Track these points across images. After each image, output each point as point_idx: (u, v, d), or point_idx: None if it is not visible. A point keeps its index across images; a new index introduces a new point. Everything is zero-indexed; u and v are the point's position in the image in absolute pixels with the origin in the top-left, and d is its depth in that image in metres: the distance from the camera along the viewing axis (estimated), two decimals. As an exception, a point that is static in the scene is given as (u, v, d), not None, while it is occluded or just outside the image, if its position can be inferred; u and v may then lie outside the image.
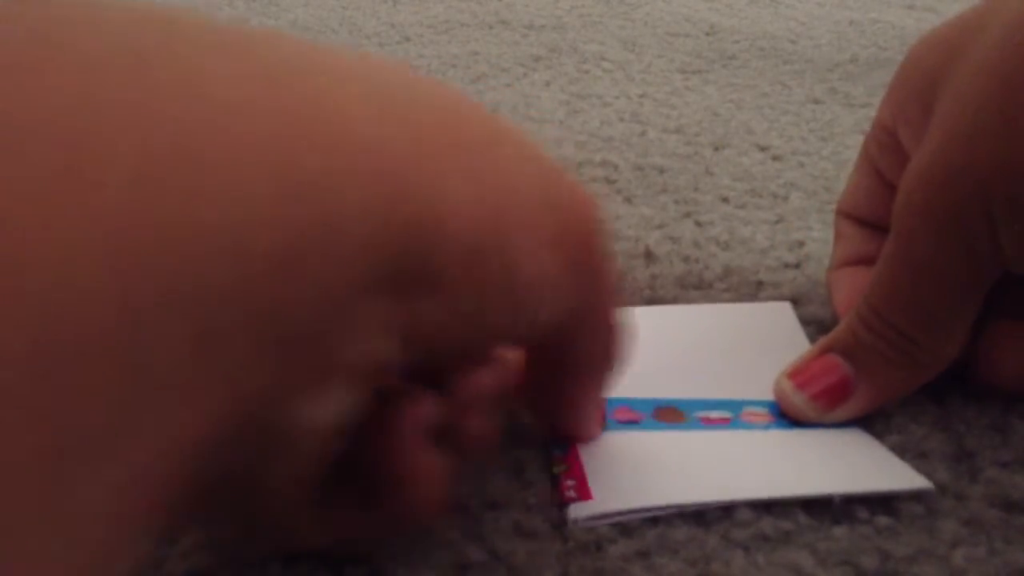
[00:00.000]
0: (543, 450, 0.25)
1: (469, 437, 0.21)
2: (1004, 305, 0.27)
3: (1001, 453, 0.25)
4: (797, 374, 0.27)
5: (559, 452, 0.25)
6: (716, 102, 0.48)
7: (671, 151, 0.43)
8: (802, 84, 0.50)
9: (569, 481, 0.24)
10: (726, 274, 0.34)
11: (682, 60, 0.54)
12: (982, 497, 0.23)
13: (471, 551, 0.22)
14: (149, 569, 0.22)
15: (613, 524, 0.23)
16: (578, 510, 0.23)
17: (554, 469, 0.24)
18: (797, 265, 0.35)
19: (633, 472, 0.24)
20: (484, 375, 0.21)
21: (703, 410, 0.27)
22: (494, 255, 0.17)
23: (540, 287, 0.19)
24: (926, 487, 0.23)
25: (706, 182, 0.41)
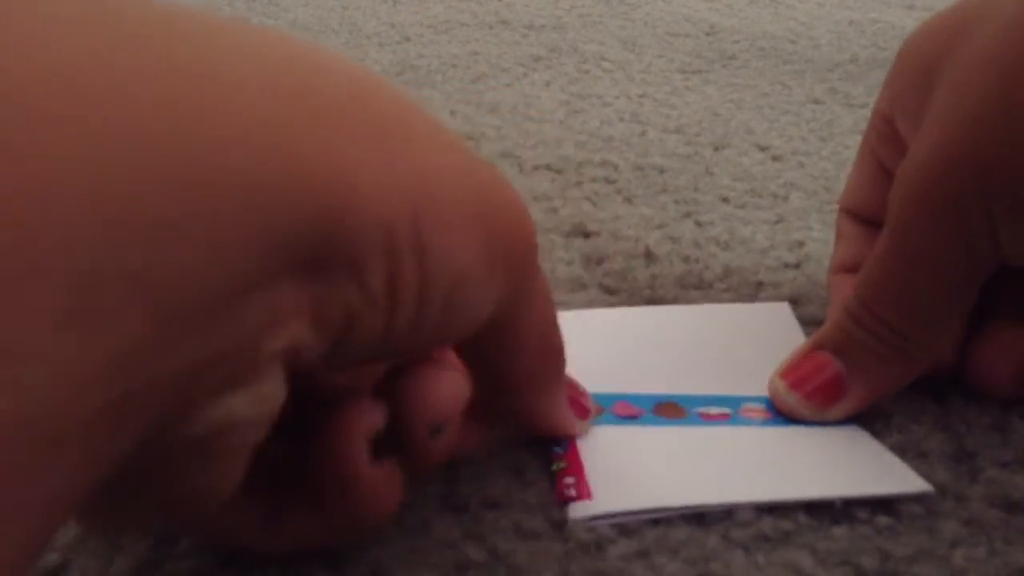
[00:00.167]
0: (543, 449, 0.25)
1: (419, 448, 0.21)
2: (997, 308, 0.27)
3: (1001, 453, 0.25)
4: (789, 373, 0.27)
5: (559, 449, 0.25)
6: (716, 102, 0.48)
7: (671, 151, 0.43)
8: (802, 84, 0.50)
9: (568, 479, 0.24)
10: (726, 274, 0.34)
11: (682, 60, 0.54)
12: (982, 497, 0.23)
13: (471, 551, 0.22)
14: (148, 569, 0.22)
15: (613, 524, 0.23)
16: (578, 510, 0.23)
17: (553, 467, 0.24)
18: (797, 265, 0.35)
19: (633, 471, 0.24)
20: (440, 386, 0.21)
21: (702, 406, 0.27)
22: (409, 240, 0.17)
23: (461, 277, 0.18)
24: (926, 490, 0.23)
25: (706, 182, 0.41)
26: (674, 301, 0.33)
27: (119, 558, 0.21)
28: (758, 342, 0.30)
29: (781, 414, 0.26)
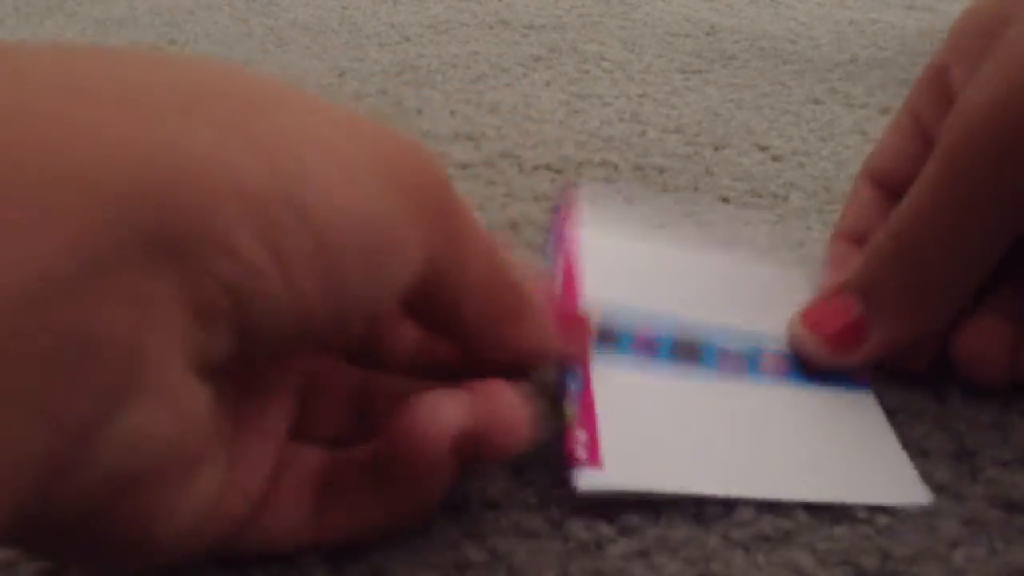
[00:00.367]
0: (543, 449, 0.25)
1: (491, 446, 0.21)
2: (986, 303, 0.27)
3: (1002, 452, 0.25)
4: (809, 315, 0.26)
5: (574, 387, 0.24)
6: (716, 102, 0.48)
7: (671, 151, 0.43)
8: (802, 84, 0.50)
9: (580, 433, 0.23)
10: (726, 274, 0.34)
11: (682, 60, 0.54)
12: (982, 497, 0.23)
13: (471, 551, 0.22)
14: (148, 569, 0.22)
15: (612, 524, 0.23)
16: (586, 479, 0.22)
17: (566, 410, 0.24)
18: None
19: (645, 441, 0.24)
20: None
21: (722, 345, 0.27)
22: (281, 201, 0.16)
23: (368, 228, 0.18)
24: (925, 503, 0.23)
25: (706, 182, 0.41)
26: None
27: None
28: (786, 299, 0.29)
29: (798, 364, 0.26)
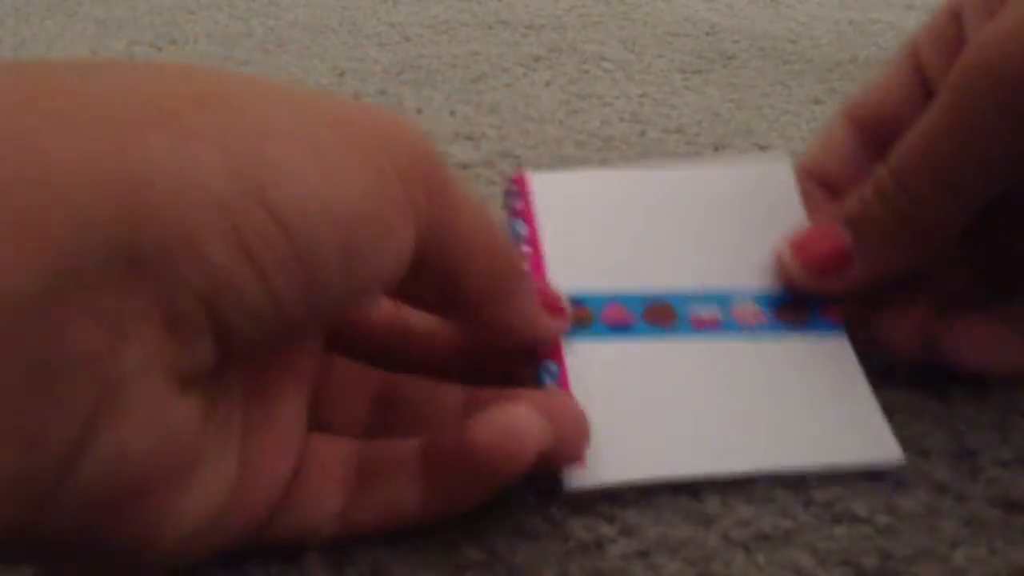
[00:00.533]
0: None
1: (557, 459, 0.22)
2: (969, 295, 0.27)
3: (1002, 452, 0.25)
4: (798, 241, 0.27)
5: (550, 381, 0.24)
6: (716, 102, 0.48)
7: (671, 151, 0.43)
8: (802, 84, 0.50)
9: None
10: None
11: (682, 60, 0.54)
12: (983, 497, 0.23)
13: (471, 551, 0.22)
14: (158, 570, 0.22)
15: (612, 524, 0.23)
16: (574, 479, 0.23)
17: None
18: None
19: (627, 426, 0.24)
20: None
21: (694, 304, 0.27)
22: (246, 203, 0.16)
23: (348, 217, 0.17)
24: (898, 461, 0.24)
25: (706, 182, 0.41)
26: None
27: None
28: (753, 216, 0.29)
29: (774, 312, 0.26)
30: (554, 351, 0.25)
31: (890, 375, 0.27)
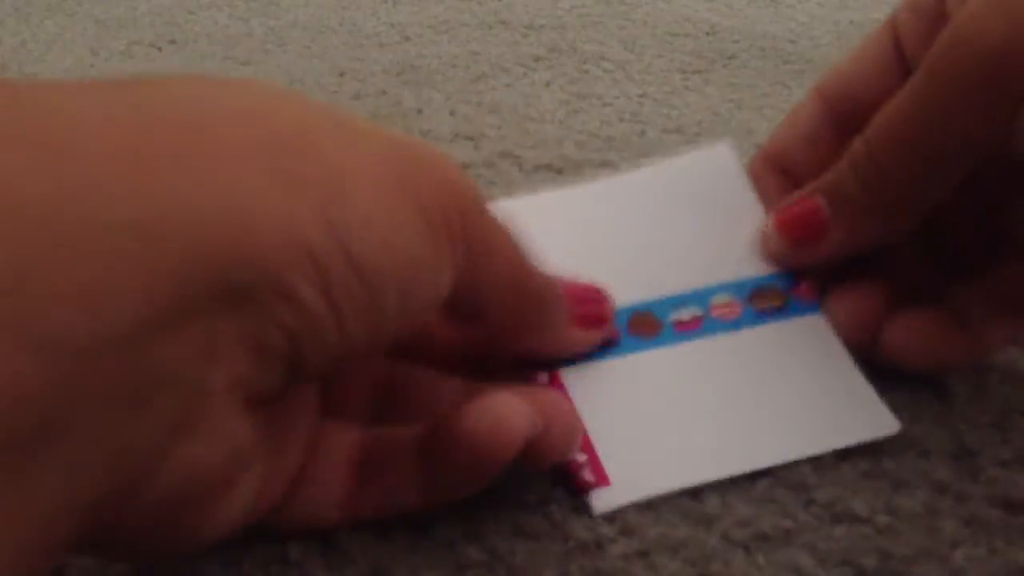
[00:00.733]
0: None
1: (547, 452, 0.22)
2: (924, 289, 0.27)
3: (1002, 452, 0.25)
4: (779, 214, 0.27)
5: None
6: (716, 102, 0.48)
7: (671, 151, 0.43)
8: (802, 84, 0.50)
9: (579, 456, 0.24)
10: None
11: (682, 60, 0.53)
12: (983, 496, 0.23)
13: (471, 551, 0.22)
14: (148, 569, 0.22)
15: (613, 524, 0.23)
16: (601, 502, 0.23)
17: None
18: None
19: (639, 441, 0.24)
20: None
21: (674, 309, 0.27)
22: (331, 247, 0.17)
23: (405, 260, 0.18)
24: (895, 432, 0.24)
25: (706, 182, 0.41)
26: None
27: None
28: (706, 205, 0.29)
29: (751, 302, 0.27)
30: (553, 379, 0.25)
31: (890, 375, 0.27)
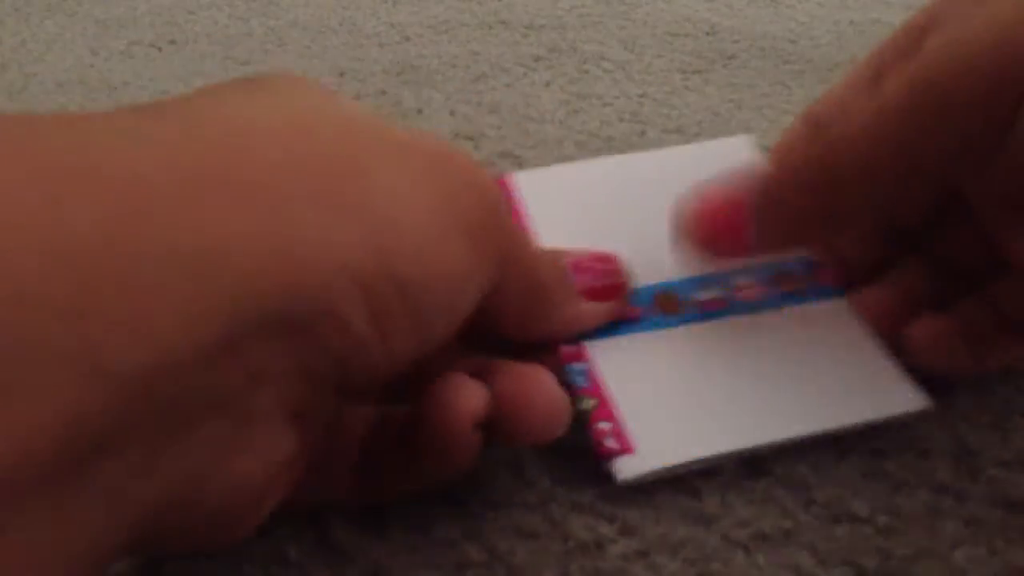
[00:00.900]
0: (544, 448, 0.25)
1: (522, 428, 0.22)
2: (940, 293, 0.27)
3: (1002, 452, 0.25)
4: (698, 204, 0.26)
5: (581, 381, 0.24)
6: (716, 102, 0.48)
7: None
8: (802, 84, 0.50)
9: (602, 424, 0.24)
10: (726, 274, 0.34)
11: (682, 60, 0.53)
12: (983, 497, 0.23)
13: (471, 551, 0.22)
14: (148, 569, 0.22)
15: (612, 524, 0.23)
16: (625, 469, 0.23)
17: (582, 405, 0.24)
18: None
19: (665, 412, 0.24)
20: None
21: (697, 290, 0.27)
22: (382, 275, 0.17)
23: (450, 283, 0.19)
24: (925, 407, 0.24)
25: (706, 182, 0.41)
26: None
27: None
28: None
29: (775, 283, 0.27)
30: (578, 351, 0.25)
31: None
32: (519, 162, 0.42)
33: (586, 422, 0.24)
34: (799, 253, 0.27)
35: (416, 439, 0.21)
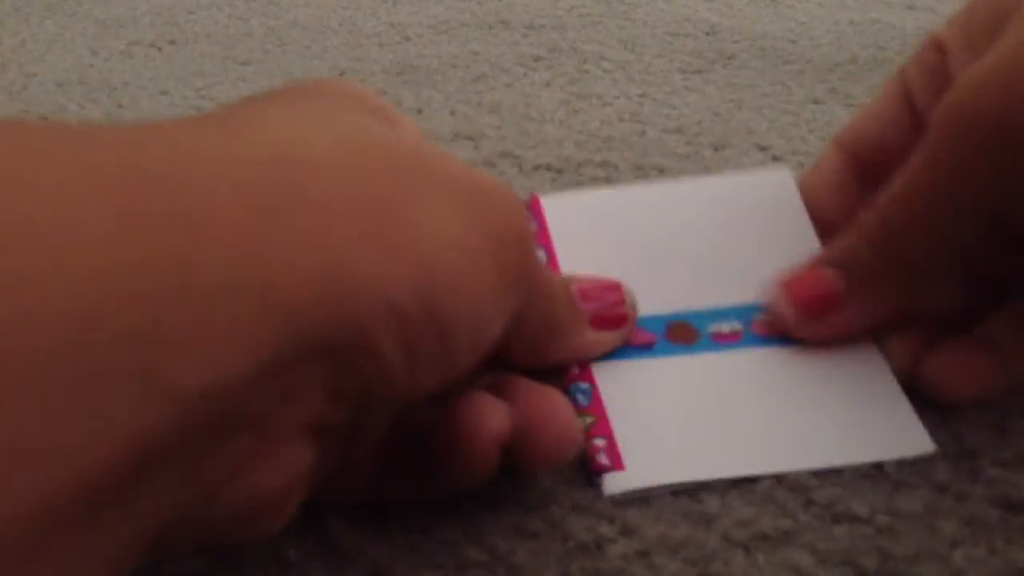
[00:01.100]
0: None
1: (533, 454, 0.22)
2: (961, 320, 0.27)
3: (1002, 452, 0.25)
4: (788, 281, 0.26)
5: (582, 399, 0.25)
6: (716, 102, 0.48)
7: (671, 151, 0.43)
8: (802, 84, 0.50)
9: (598, 441, 0.24)
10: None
11: (682, 60, 0.53)
12: (983, 497, 0.23)
13: (471, 551, 0.22)
14: (148, 569, 0.22)
15: (612, 524, 0.23)
16: (612, 484, 0.23)
17: (581, 421, 0.24)
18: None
19: (661, 433, 0.24)
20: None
21: (714, 322, 0.27)
22: (421, 308, 0.18)
23: (480, 318, 0.19)
24: (930, 451, 0.24)
25: (706, 182, 0.41)
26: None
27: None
28: (761, 226, 0.29)
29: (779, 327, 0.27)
30: (584, 371, 0.25)
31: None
32: (519, 162, 0.42)
33: (585, 436, 0.24)
34: (898, 312, 0.26)
35: (437, 453, 0.21)
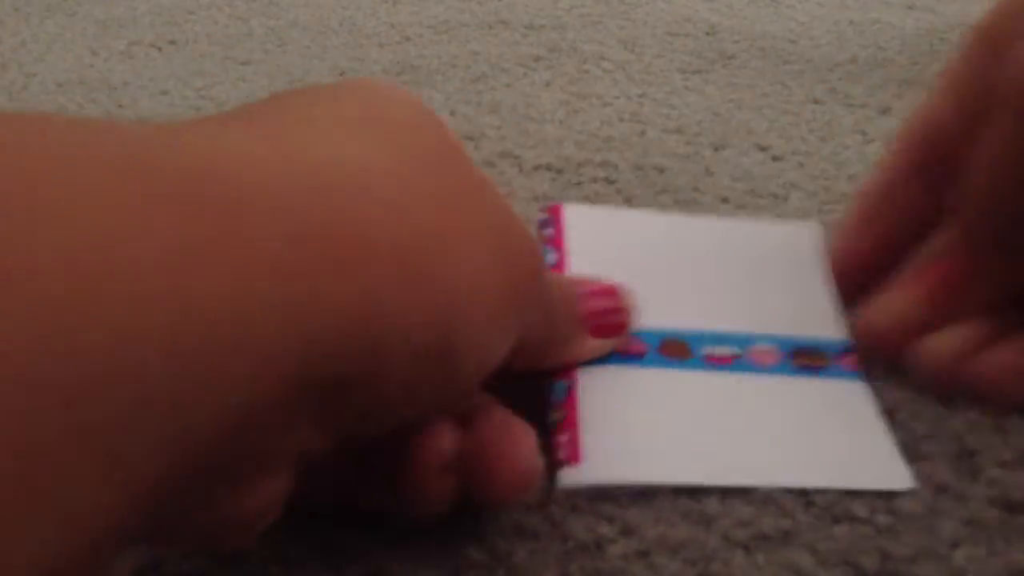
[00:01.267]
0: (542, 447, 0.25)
1: (488, 485, 0.21)
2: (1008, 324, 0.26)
3: (1002, 452, 0.25)
4: (911, 277, 0.26)
5: (558, 397, 0.25)
6: (716, 102, 0.48)
7: (671, 151, 0.43)
8: (802, 84, 0.50)
9: (562, 436, 0.24)
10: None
11: (682, 60, 0.53)
12: (983, 497, 0.23)
13: (471, 551, 0.22)
14: (148, 569, 0.22)
15: (612, 524, 0.23)
16: (565, 477, 0.23)
17: (551, 416, 0.25)
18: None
19: (627, 431, 0.24)
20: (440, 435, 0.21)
21: (709, 345, 0.27)
22: (433, 347, 0.17)
23: (490, 350, 0.19)
24: (909, 487, 0.23)
25: (706, 182, 0.41)
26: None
27: (119, 558, 0.21)
28: (776, 270, 0.29)
29: (793, 356, 0.26)
30: (567, 373, 0.25)
31: (891, 376, 0.27)
32: (519, 162, 0.42)
33: (552, 431, 0.24)
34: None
35: (389, 470, 0.21)
